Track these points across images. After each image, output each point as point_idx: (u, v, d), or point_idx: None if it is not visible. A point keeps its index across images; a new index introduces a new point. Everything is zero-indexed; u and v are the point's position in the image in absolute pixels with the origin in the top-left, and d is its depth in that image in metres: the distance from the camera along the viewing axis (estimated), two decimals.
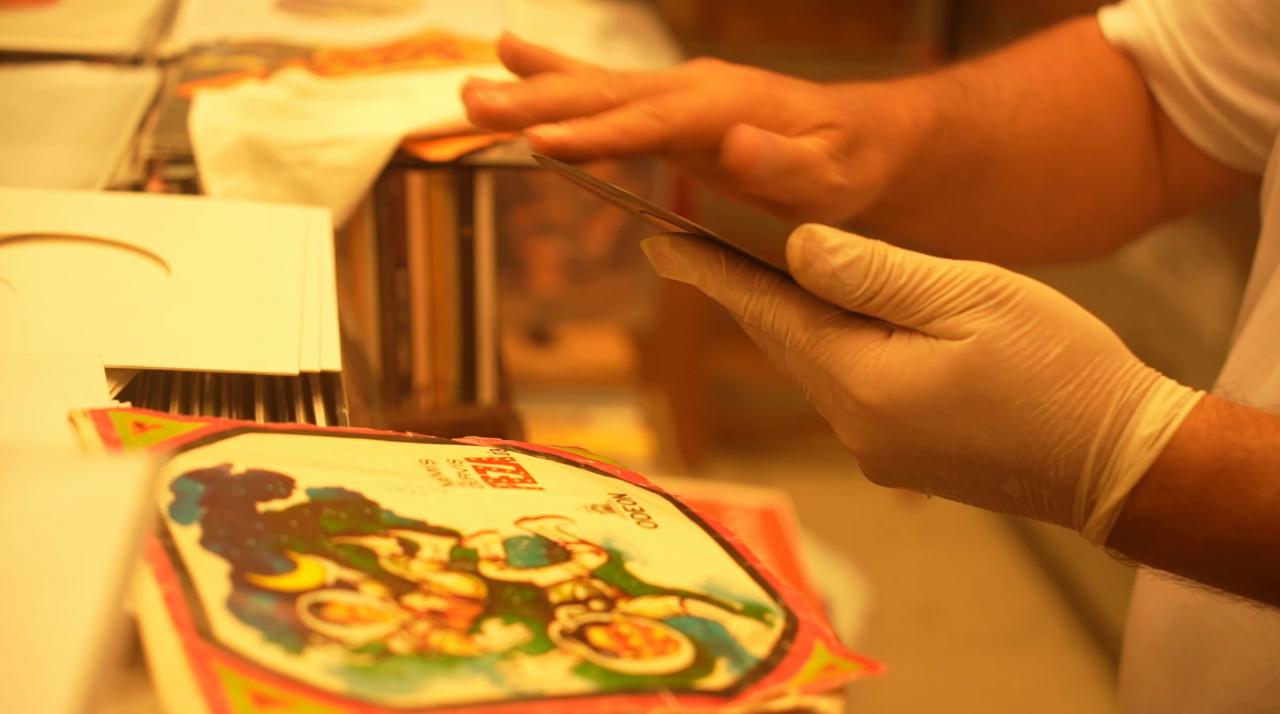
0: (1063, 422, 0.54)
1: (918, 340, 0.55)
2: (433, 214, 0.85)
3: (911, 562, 2.55)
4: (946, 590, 2.49)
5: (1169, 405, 0.54)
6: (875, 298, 0.55)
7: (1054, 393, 0.54)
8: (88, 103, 0.94)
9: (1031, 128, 0.82)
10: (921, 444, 0.55)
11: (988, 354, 0.54)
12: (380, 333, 0.86)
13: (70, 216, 0.75)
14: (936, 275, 0.55)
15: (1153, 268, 2.14)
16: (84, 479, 0.40)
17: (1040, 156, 0.83)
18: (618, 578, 0.53)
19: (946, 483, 0.57)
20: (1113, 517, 0.55)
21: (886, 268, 0.55)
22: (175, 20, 1.07)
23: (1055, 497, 0.55)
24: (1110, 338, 0.55)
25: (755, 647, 0.51)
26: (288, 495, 0.54)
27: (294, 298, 0.70)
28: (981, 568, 2.57)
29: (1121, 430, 0.54)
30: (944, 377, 0.54)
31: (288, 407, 0.66)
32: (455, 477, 0.58)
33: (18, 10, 1.07)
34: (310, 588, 0.49)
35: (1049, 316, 0.54)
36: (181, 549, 0.49)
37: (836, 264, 0.55)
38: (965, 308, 0.54)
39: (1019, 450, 0.55)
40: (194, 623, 0.46)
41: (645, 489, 0.61)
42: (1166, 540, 0.55)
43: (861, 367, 0.55)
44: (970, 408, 0.54)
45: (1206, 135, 0.81)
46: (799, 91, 0.74)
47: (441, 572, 0.52)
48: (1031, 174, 0.83)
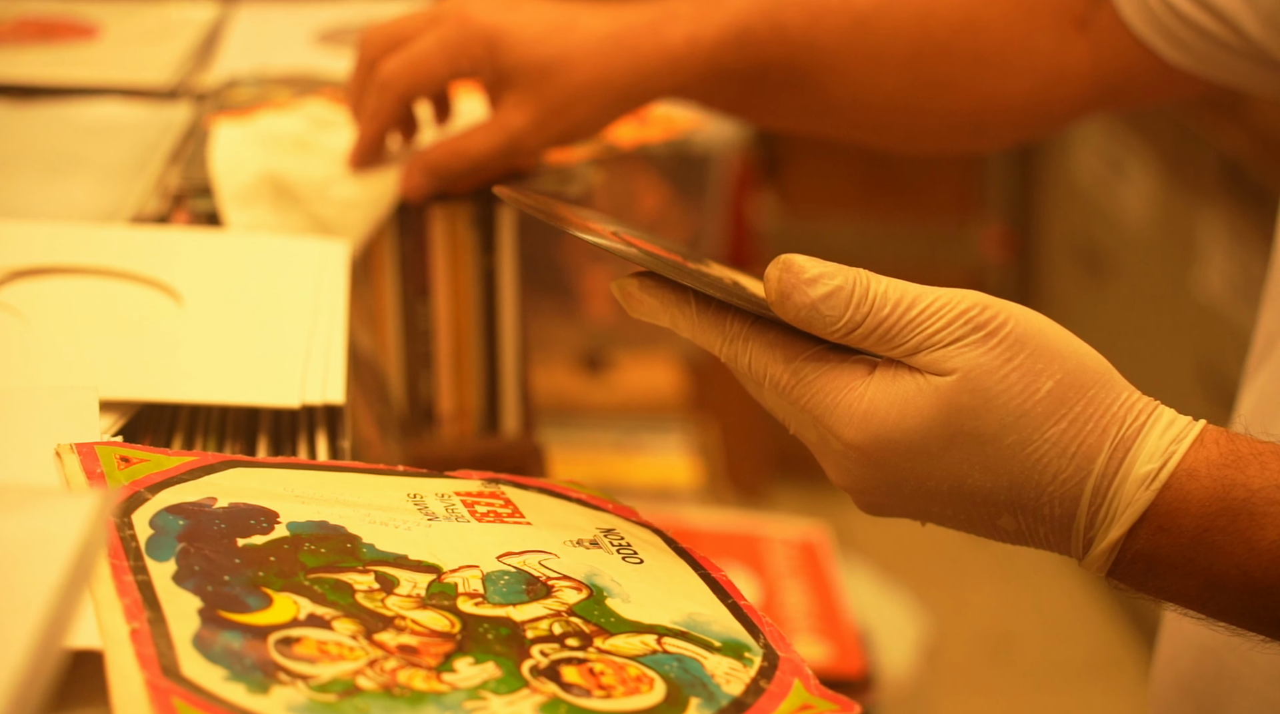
0: (1056, 459, 0.52)
1: (903, 376, 0.53)
2: (456, 244, 0.85)
3: (981, 593, 2.51)
4: (1017, 622, 2.45)
5: (1167, 441, 0.52)
6: (858, 330, 0.53)
7: (1046, 430, 0.52)
8: (122, 136, 0.95)
9: (885, 34, 0.83)
10: (912, 482, 0.53)
11: (976, 391, 0.52)
12: (403, 363, 0.86)
13: (89, 249, 0.75)
14: (921, 306, 0.53)
15: (1226, 295, 2.10)
16: (30, 516, 0.40)
17: (896, 63, 0.84)
18: (596, 614, 0.52)
19: (940, 516, 0.55)
20: (1111, 554, 0.53)
21: (869, 298, 0.53)
22: (214, 54, 1.08)
23: (1052, 532, 0.54)
24: (1104, 369, 0.53)
25: (731, 685, 0.50)
26: (269, 530, 0.53)
27: (303, 330, 0.70)
28: (1053, 599, 2.52)
29: (1118, 468, 0.52)
30: (931, 416, 0.52)
31: (291, 439, 0.66)
32: (442, 511, 0.57)
33: (60, 44, 1.09)
34: (281, 624, 0.49)
35: (1039, 349, 0.52)
36: (155, 584, 0.49)
37: (816, 296, 0.53)
38: (952, 341, 0.52)
39: (1012, 488, 0.53)
40: (159, 660, 0.46)
41: (637, 524, 0.60)
42: (1168, 578, 0.53)
43: (845, 406, 0.53)
44: (960, 447, 0.52)
45: (1152, 32, 0.79)
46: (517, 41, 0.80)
47: (417, 608, 0.51)
48: (882, 78, 0.84)
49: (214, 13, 1.16)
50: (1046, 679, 2.33)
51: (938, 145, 0.89)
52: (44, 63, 1.05)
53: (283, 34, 1.11)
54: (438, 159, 0.81)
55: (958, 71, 0.84)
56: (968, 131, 0.88)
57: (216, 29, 1.13)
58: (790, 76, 0.83)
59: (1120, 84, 0.83)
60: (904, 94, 0.85)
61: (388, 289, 0.85)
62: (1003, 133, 0.89)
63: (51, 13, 1.15)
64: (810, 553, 1.08)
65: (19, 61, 1.05)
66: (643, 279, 0.58)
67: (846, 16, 0.83)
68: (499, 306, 0.86)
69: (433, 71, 0.81)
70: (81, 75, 1.03)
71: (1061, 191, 2.68)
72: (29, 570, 0.37)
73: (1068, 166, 2.62)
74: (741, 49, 0.81)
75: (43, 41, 1.10)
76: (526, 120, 0.80)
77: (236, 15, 1.16)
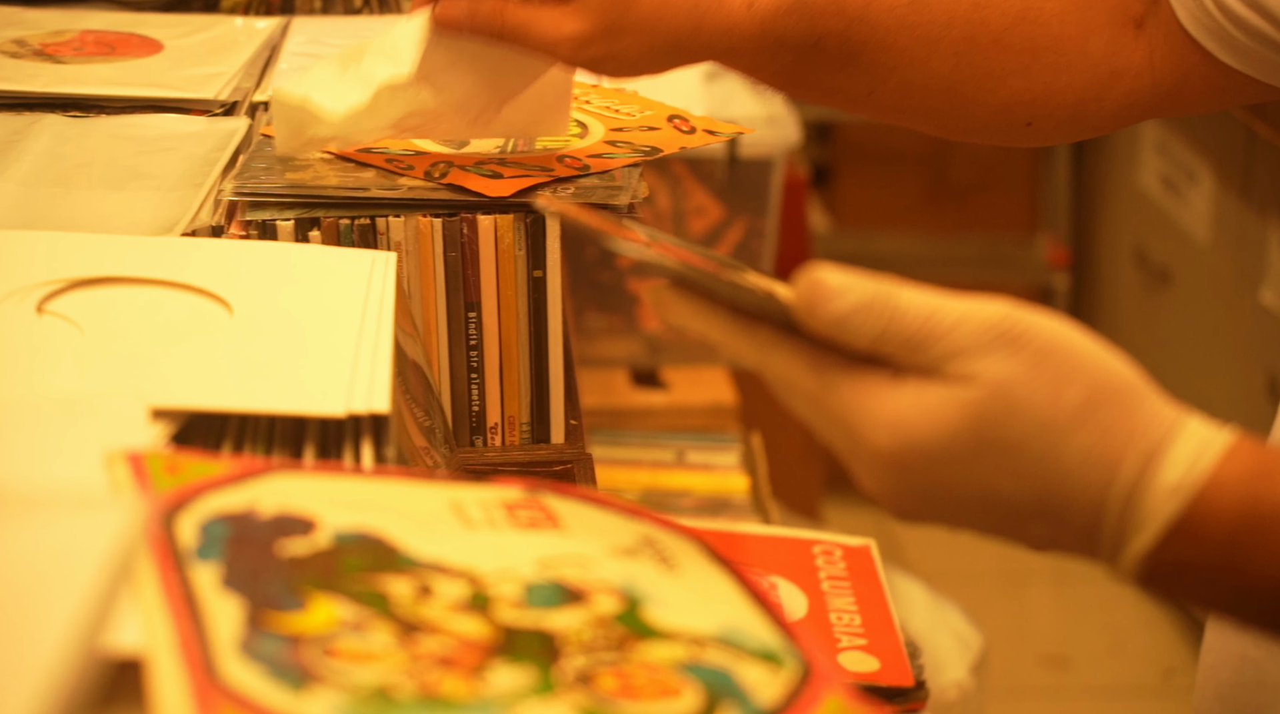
0: (1083, 468, 0.52)
1: (929, 385, 0.53)
2: (502, 256, 0.85)
3: (1040, 608, 2.49)
4: (1078, 639, 2.43)
5: (1193, 452, 0.52)
6: (884, 342, 0.53)
7: (1073, 439, 0.52)
8: (180, 149, 0.96)
9: (941, 17, 0.83)
10: (940, 489, 0.54)
11: (1002, 401, 0.52)
12: (452, 373, 0.87)
13: (144, 260, 0.77)
14: (947, 317, 0.53)
15: None
16: (73, 521, 0.41)
17: (949, 46, 0.83)
18: (632, 622, 0.53)
19: (970, 524, 0.55)
20: (1139, 563, 0.53)
21: (894, 311, 0.53)
22: (270, 69, 1.09)
23: (1081, 540, 0.54)
24: (1132, 378, 0.53)
25: (764, 694, 0.50)
26: (311, 536, 0.54)
27: (350, 339, 0.71)
28: (1116, 615, 2.49)
29: (1144, 478, 0.52)
30: (958, 425, 0.52)
31: (338, 447, 0.67)
32: (482, 519, 0.58)
33: (124, 59, 1.11)
34: (321, 629, 0.50)
35: (1066, 359, 0.53)
36: (199, 589, 0.50)
37: (841, 309, 0.53)
38: (978, 351, 0.52)
39: (1040, 496, 0.53)
40: (203, 663, 0.47)
41: (675, 534, 0.60)
42: (1197, 587, 0.53)
43: (873, 415, 0.54)
44: (987, 456, 0.53)
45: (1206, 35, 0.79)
46: None
47: (454, 614, 0.52)
48: (935, 62, 0.84)
49: (273, 26, 1.18)
50: (1105, 698, 2.30)
51: (986, 137, 0.88)
52: (106, 77, 1.07)
53: (336, 48, 1.13)
54: (486, 13, 0.83)
55: (1011, 62, 0.84)
56: (1018, 125, 0.87)
57: (274, 42, 1.15)
58: (843, 50, 0.83)
59: (1175, 86, 0.83)
60: (955, 81, 0.85)
61: (436, 301, 0.86)
62: (1054, 129, 0.88)
63: (113, 28, 1.18)
64: (858, 565, 1.08)
65: (83, 76, 1.07)
66: (677, 288, 0.59)
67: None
68: (546, 318, 0.87)
69: None
70: (142, 90, 1.04)
71: (1124, 203, 2.66)
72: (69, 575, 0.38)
73: (1131, 178, 2.60)
74: (797, 17, 0.82)
75: (105, 56, 1.12)
76: (578, 31, 0.81)
77: (292, 29, 1.18)
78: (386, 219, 0.84)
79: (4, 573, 0.38)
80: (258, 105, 1.03)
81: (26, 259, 0.75)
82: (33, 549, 0.39)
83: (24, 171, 0.93)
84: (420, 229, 0.84)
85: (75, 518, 0.40)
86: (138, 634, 0.47)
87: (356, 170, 0.87)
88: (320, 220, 0.84)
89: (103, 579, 0.38)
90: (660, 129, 0.95)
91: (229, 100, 1.04)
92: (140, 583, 0.50)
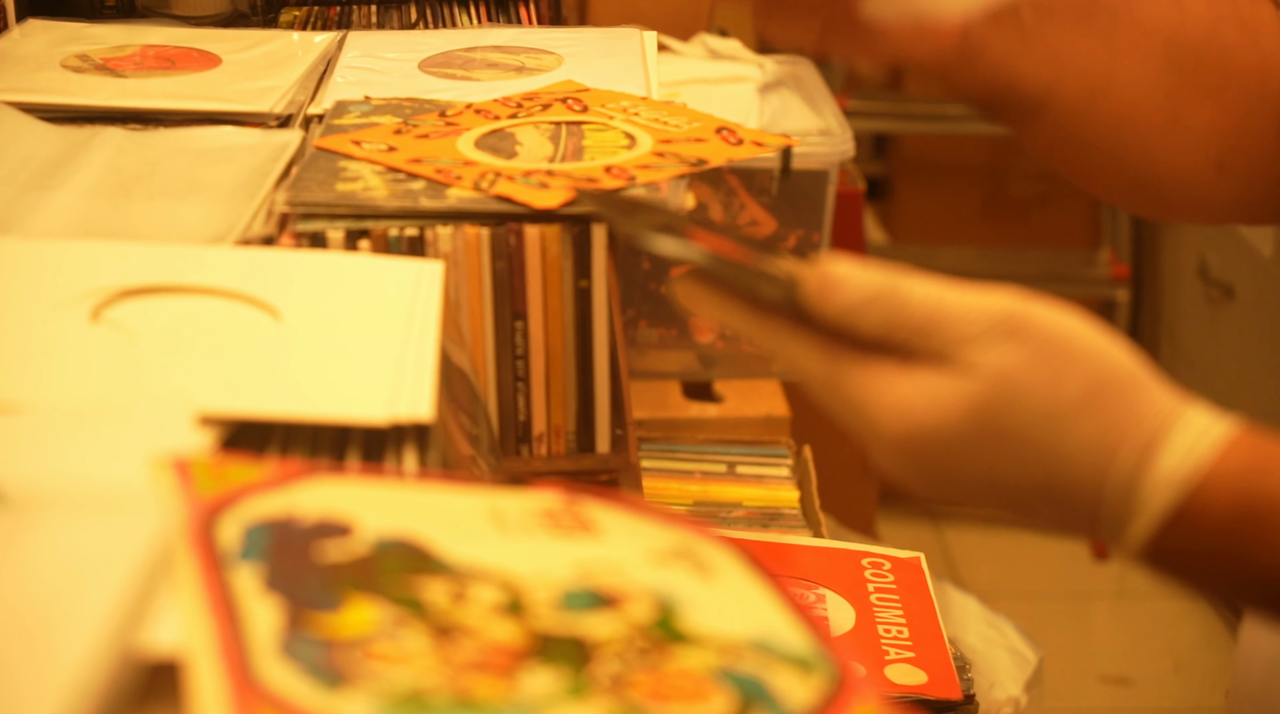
0: (1083, 457, 0.54)
1: (935, 374, 0.55)
2: (549, 266, 0.86)
3: (1101, 628, 2.47)
4: (1139, 660, 2.40)
5: (1191, 443, 0.53)
6: (892, 331, 0.55)
7: (1073, 429, 0.54)
8: (235, 161, 0.98)
9: (1149, 16, 0.80)
10: (949, 474, 0.56)
11: (1004, 390, 0.54)
12: (498, 382, 0.88)
13: (195, 269, 0.78)
14: (952, 308, 0.55)
15: None
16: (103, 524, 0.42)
17: (1158, 45, 0.80)
18: (666, 628, 0.53)
19: (984, 505, 0.57)
20: (1139, 550, 0.54)
21: (900, 302, 0.55)
22: (325, 82, 1.11)
23: (1086, 524, 0.55)
24: (1133, 369, 0.54)
25: (795, 701, 0.50)
26: (350, 541, 0.55)
27: (395, 347, 0.71)
28: (1179, 634, 2.46)
29: (1141, 468, 0.53)
30: (961, 414, 0.54)
31: (381, 453, 0.68)
32: (520, 525, 0.58)
33: (183, 73, 1.13)
34: (358, 631, 0.50)
35: (1068, 349, 0.54)
36: (239, 591, 0.51)
37: (850, 301, 0.55)
38: (982, 342, 0.54)
39: (1043, 483, 0.54)
40: (241, 663, 0.48)
41: (712, 541, 0.61)
42: (1195, 573, 0.55)
43: (883, 401, 0.56)
44: (990, 444, 0.54)
45: None
46: None
47: (490, 618, 0.52)
48: (1151, 59, 0.80)
49: (328, 40, 1.20)
50: None
51: (1189, 186, 0.84)
52: (165, 91, 1.09)
53: (390, 61, 1.14)
54: None
55: (1211, 80, 0.81)
56: (1211, 166, 0.84)
57: (329, 57, 1.16)
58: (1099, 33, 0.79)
59: None
60: (1168, 97, 0.81)
61: (483, 310, 0.87)
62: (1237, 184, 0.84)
63: (173, 43, 1.20)
64: (908, 578, 1.08)
65: (143, 90, 1.09)
66: (698, 278, 0.61)
67: None
68: (592, 327, 0.87)
69: None
70: (200, 103, 1.06)
71: None
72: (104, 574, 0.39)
73: None
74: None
75: (165, 71, 1.14)
76: None
77: (348, 43, 1.19)
78: (435, 229, 0.85)
79: (40, 573, 0.39)
80: (312, 118, 1.05)
81: (81, 268, 0.77)
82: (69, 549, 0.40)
83: (85, 183, 0.94)
84: (468, 239, 0.85)
85: (113, 519, 0.41)
86: (177, 634, 0.48)
87: (406, 181, 0.88)
88: (370, 231, 0.85)
89: (138, 579, 0.39)
90: (708, 141, 0.95)
91: (284, 113, 1.05)
92: (181, 584, 0.50)
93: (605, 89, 1.03)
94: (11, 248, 0.80)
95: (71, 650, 0.36)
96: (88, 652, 0.36)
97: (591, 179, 0.88)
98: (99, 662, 0.36)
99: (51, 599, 0.38)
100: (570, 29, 1.27)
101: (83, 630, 0.37)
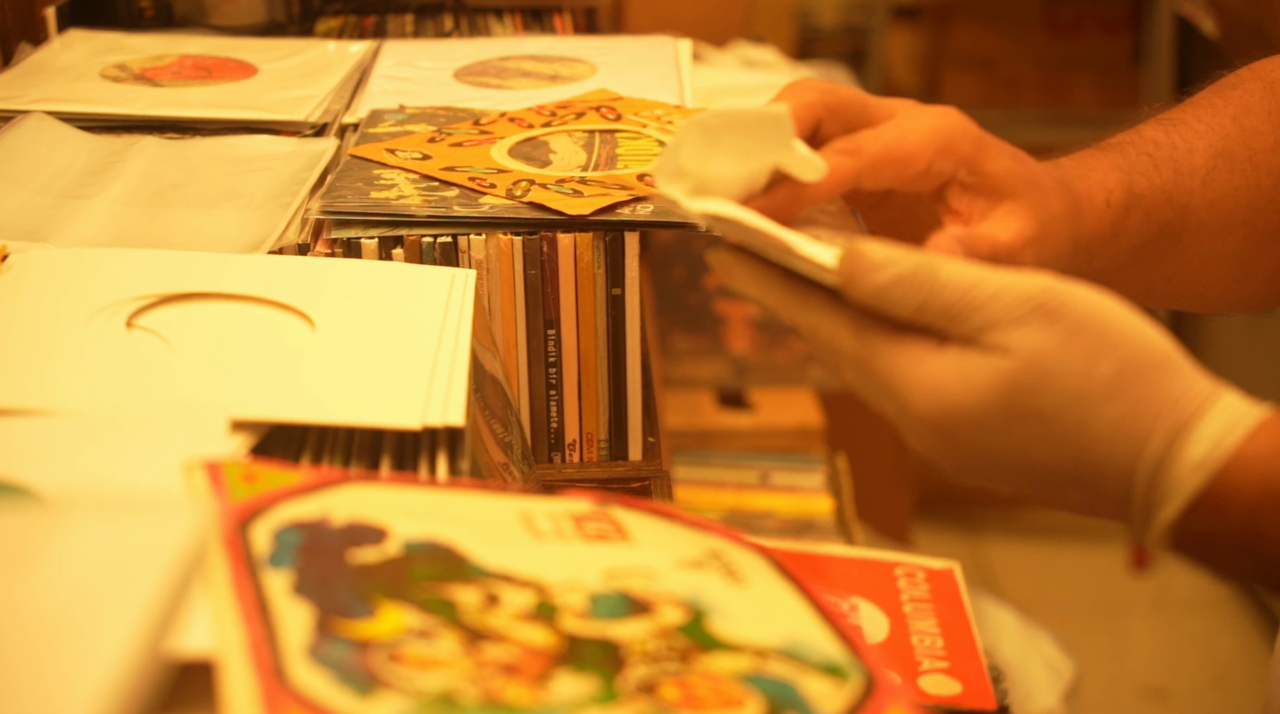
0: (1114, 439, 0.54)
1: (968, 354, 0.55)
2: (581, 273, 0.86)
3: (1140, 639, 2.45)
4: (1176, 669, 2.38)
5: (1222, 427, 0.53)
6: (924, 312, 0.55)
7: (1104, 411, 0.54)
8: (271, 169, 0.99)
9: (1228, 189, 0.79)
10: (980, 454, 0.56)
11: (1036, 371, 0.54)
12: (531, 390, 0.88)
13: (231, 277, 0.79)
14: (986, 289, 0.55)
15: None
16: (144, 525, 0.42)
17: (1239, 216, 0.80)
18: (696, 634, 0.53)
19: (1016, 486, 0.57)
20: (1167, 534, 0.54)
21: (934, 282, 0.55)
22: (360, 91, 1.11)
23: (1115, 508, 0.55)
24: (1168, 352, 0.54)
25: (826, 707, 0.50)
26: (382, 545, 0.55)
27: (428, 354, 0.72)
28: (1217, 645, 2.44)
29: (1171, 451, 0.53)
30: (992, 393, 0.54)
31: (414, 459, 0.68)
32: (551, 531, 0.58)
33: (220, 83, 1.14)
34: (389, 636, 0.51)
35: (1102, 331, 0.54)
36: (271, 595, 0.51)
37: (882, 281, 0.55)
38: (1015, 322, 0.54)
39: (1074, 464, 0.54)
40: (272, 666, 0.48)
41: (742, 547, 0.61)
42: (1223, 558, 0.55)
43: (915, 380, 0.56)
44: (1021, 424, 0.54)
45: None
46: (999, 149, 0.70)
47: (520, 623, 0.52)
48: (1229, 235, 0.80)
49: (364, 49, 1.20)
50: None
51: (1253, 305, 0.84)
52: (202, 100, 1.10)
53: (425, 70, 1.15)
54: None
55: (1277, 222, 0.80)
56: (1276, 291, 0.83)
57: (365, 66, 1.17)
58: (1173, 240, 0.77)
59: None
60: (1240, 251, 0.80)
61: (516, 318, 0.87)
62: None
63: (211, 53, 1.21)
64: (942, 588, 1.07)
65: (179, 99, 1.10)
66: (737, 252, 0.61)
67: (1196, 179, 0.77)
68: (624, 335, 0.87)
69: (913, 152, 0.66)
70: (236, 112, 1.07)
71: None
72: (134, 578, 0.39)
73: None
74: (1140, 214, 0.75)
75: (202, 80, 1.14)
76: (1021, 234, 0.67)
77: (383, 52, 1.20)
78: (468, 237, 0.85)
79: (74, 575, 0.39)
80: (347, 127, 1.05)
81: (118, 275, 0.77)
82: (101, 551, 0.40)
83: (123, 191, 0.95)
84: (501, 247, 0.85)
85: (147, 522, 0.41)
86: (209, 637, 0.48)
87: (440, 189, 0.89)
88: (403, 238, 0.85)
89: (169, 582, 0.39)
90: None
91: (319, 122, 1.06)
92: (213, 587, 0.51)
93: (639, 97, 1.04)
94: (49, 256, 0.81)
95: (105, 653, 0.36)
96: (121, 654, 0.36)
97: (625, 187, 0.88)
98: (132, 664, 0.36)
99: (85, 601, 0.38)
100: (604, 38, 1.27)
101: (116, 633, 0.37)
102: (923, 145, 0.67)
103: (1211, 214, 0.79)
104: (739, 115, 0.61)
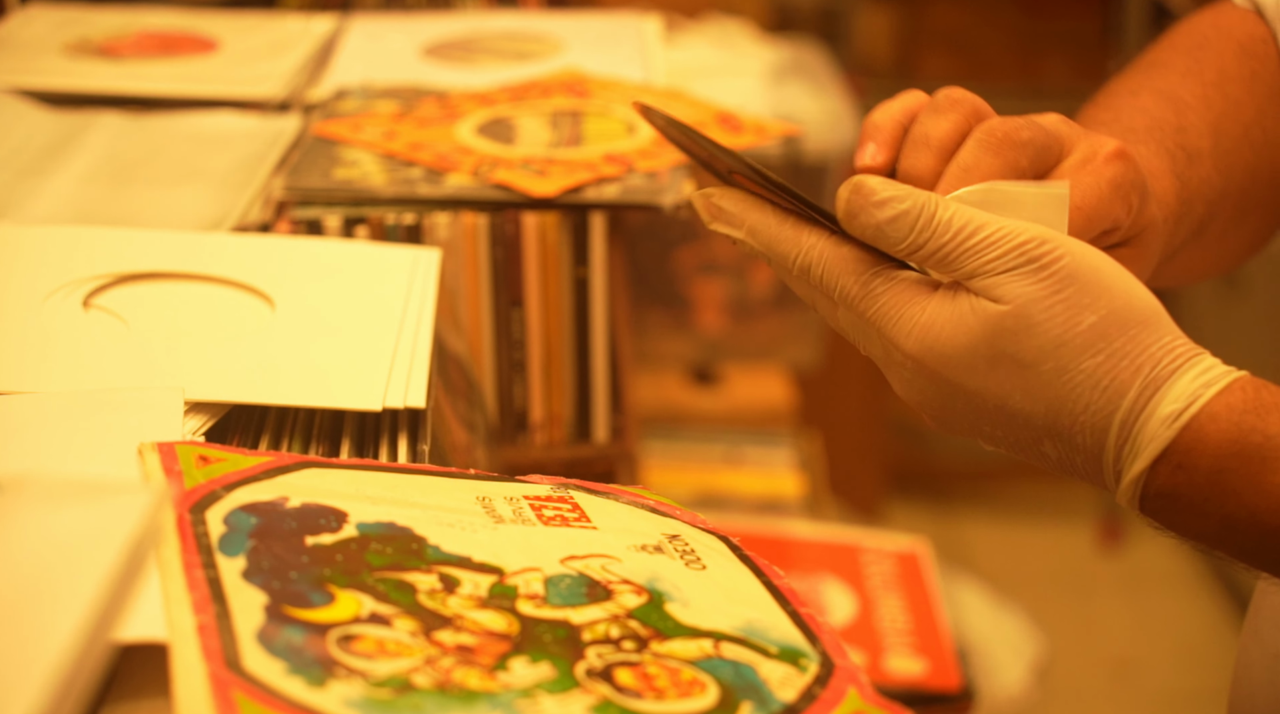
0: (1089, 391, 0.54)
1: (960, 297, 0.56)
2: (547, 254, 0.86)
3: (1108, 613, 2.46)
4: (1145, 645, 2.40)
5: (1196, 385, 0.54)
6: (919, 252, 0.56)
7: (1083, 361, 0.54)
8: (233, 147, 0.97)
9: (1222, 168, 0.78)
10: (962, 398, 0.56)
11: (1020, 317, 0.54)
12: (496, 371, 0.88)
13: (190, 256, 0.78)
14: (982, 234, 0.55)
15: None
16: (92, 509, 0.41)
17: (1232, 197, 0.79)
18: (654, 618, 0.53)
19: (993, 437, 0.57)
20: (1135, 489, 0.54)
21: (933, 223, 0.56)
22: (325, 68, 1.10)
23: (1087, 462, 0.55)
24: (1153, 309, 0.55)
25: (784, 691, 0.50)
26: (338, 529, 0.55)
27: (390, 335, 0.71)
28: (1185, 622, 2.46)
29: (1145, 405, 0.54)
30: (978, 335, 0.55)
31: (374, 441, 0.67)
32: (509, 514, 0.58)
33: (181, 58, 1.13)
34: (343, 621, 0.50)
35: (1089, 284, 0.54)
36: (224, 580, 0.51)
37: (882, 218, 0.56)
38: (1006, 269, 0.55)
39: (1049, 415, 0.55)
40: (223, 653, 0.48)
41: (702, 530, 0.60)
42: (1186, 516, 0.54)
43: (906, 319, 0.56)
44: (1002, 368, 0.55)
45: None
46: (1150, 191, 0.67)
47: (477, 608, 0.52)
48: (1220, 214, 0.80)
49: (329, 25, 1.19)
50: (1173, 705, 2.27)
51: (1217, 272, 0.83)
52: (164, 76, 1.08)
53: (392, 47, 1.14)
54: None
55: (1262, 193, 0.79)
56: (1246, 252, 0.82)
57: (330, 42, 1.16)
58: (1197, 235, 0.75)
59: None
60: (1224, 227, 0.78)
61: (481, 298, 0.86)
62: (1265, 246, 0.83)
63: (173, 27, 1.19)
64: (910, 567, 1.07)
65: (140, 74, 1.09)
66: (725, 189, 0.61)
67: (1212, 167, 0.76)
68: (591, 316, 0.87)
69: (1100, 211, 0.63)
70: (198, 88, 1.06)
71: None
72: (84, 561, 0.39)
73: None
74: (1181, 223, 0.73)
75: (164, 55, 1.13)
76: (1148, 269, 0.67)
77: (349, 28, 1.18)
78: (433, 216, 0.85)
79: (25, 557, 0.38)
80: (312, 104, 1.04)
81: (75, 254, 0.76)
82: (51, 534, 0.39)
83: (83, 168, 0.94)
84: (466, 227, 0.85)
85: (99, 504, 0.41)
86: (160, 622, 0.48)
87: (404, 168, 0.88)
88: (367, 217, 0.84)
89: (119, 566, 0.38)
90: (708, 128, 0.94)
91: (283, 99, 1.05)
92: (165, 572, 0.50)
93: (607, 76, 1.03)
94: (5, 233, 0.79)
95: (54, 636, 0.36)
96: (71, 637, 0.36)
97: (590, 166, 0.87)
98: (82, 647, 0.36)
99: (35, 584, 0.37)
100: (572, 15, 1.27)
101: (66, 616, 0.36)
102: (1109, 204, 0.64)
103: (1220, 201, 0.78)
104: (1022, 195, 0.60)
